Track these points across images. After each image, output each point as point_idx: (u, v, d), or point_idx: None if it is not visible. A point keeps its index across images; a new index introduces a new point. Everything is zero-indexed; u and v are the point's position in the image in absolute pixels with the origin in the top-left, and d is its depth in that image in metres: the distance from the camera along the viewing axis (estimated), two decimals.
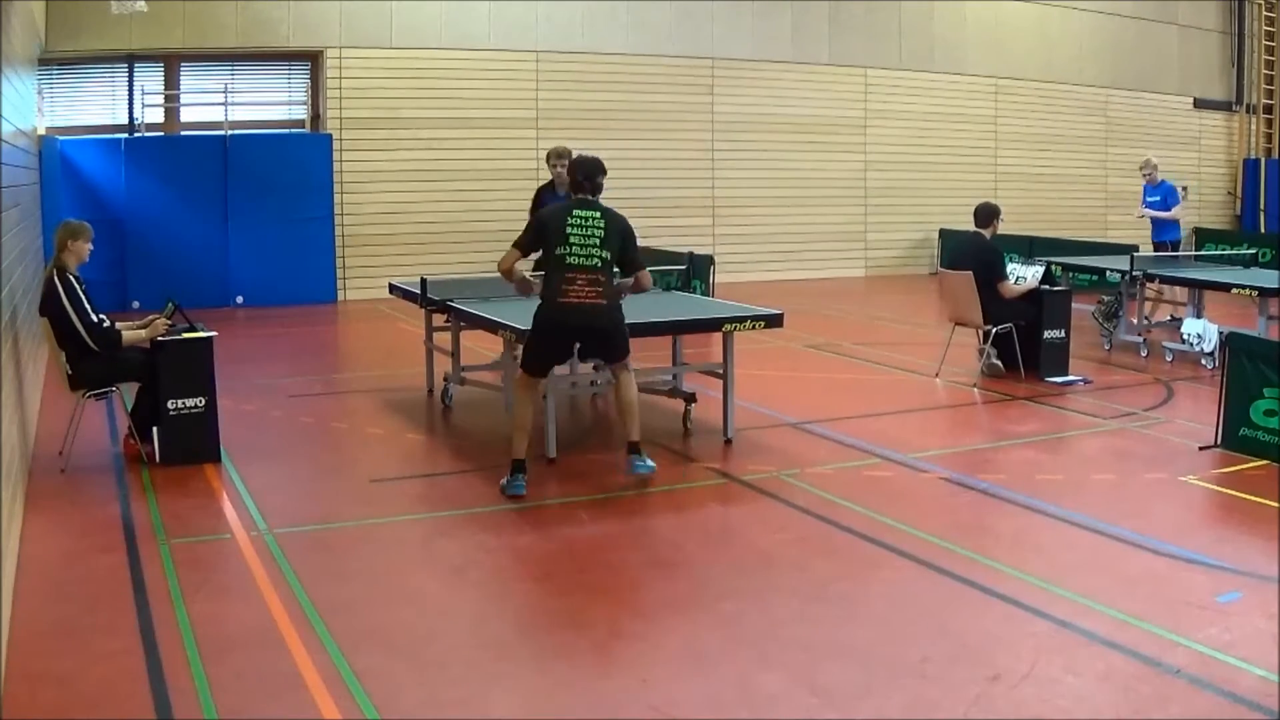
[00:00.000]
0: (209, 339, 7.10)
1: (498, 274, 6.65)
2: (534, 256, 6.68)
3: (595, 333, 6.43)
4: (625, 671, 4.23)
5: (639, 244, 6.63)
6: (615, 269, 6.46)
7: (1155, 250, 12.79)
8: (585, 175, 6.59)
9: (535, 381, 6.56)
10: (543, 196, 10.06)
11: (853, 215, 19.03)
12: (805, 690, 4.03)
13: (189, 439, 6.99)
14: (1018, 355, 9.52)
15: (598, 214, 6.38)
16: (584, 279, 6.26)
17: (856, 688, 4.05)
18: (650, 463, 6.51)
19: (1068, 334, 9.68)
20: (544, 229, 6.39)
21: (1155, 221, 12.95)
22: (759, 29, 18.03)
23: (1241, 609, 4.69)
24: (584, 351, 6.81)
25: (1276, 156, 22.08)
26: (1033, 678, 4.05)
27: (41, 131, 13.26)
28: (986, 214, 9.68)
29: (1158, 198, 12.93)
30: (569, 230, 6.29)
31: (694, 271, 12.88)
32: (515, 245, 6.44)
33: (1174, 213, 12.82)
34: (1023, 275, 9.90)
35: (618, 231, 6.43)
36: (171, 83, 15.42)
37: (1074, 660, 4.19)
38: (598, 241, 6.31)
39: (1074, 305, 10.07)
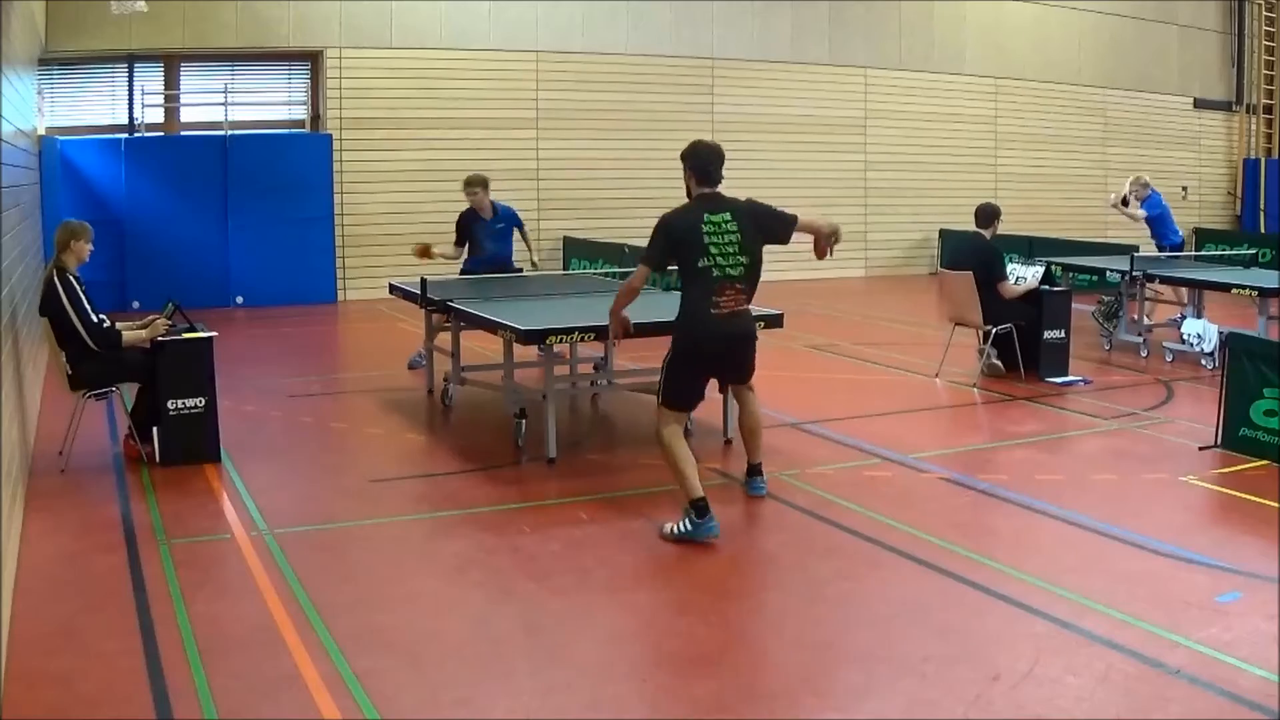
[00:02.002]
0: (209, 339, 7.10)
1: (624, 296, 5.99)
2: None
3: (745, 344, 5.86)
4: (625, 671, 4.23)
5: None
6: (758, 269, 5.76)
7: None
8: (703, 169, 5.78)
9: (683, 418, 5.91)
10: (466, 223, 10.07)
11: (853, 215, 19.00)
12: (805, 690, 4.03)
13: (189, 439, 6.99)
14: (1018, 355, 9.52)
15: (728, 215, 5.64)
16: (730, 290, 5.61)
17: (856, 688, 4.06)
18: (765, 486, 6.33)
19: (1068, 334, 9.68)
20: (677, 239, 5.63)
21: (1156, 228, 12.86)
22: (759, 29, 18.03)
23: (1241, 609, 4.69)
24: (725, 372, 6.13)
25: (1276, 156, 22.07)
26: (1033, 678, 4.05)
27: (41, 131, 13.27)
28: (987, 214, 9.69)
29: (1157, 212, 12.82)
30: (706, 240, 5.56)
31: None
32: (644, 261, 5.74)
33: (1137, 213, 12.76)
34: (1023, 275, 9.90)
35: (754, 225, 5.69)
36: (171, 83, 15.42)
37: (1074, 660, 4.19)
38: (736, 246, 5.60)
39: (1074, 305, 10.07)
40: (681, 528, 5.54)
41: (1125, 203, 12.85)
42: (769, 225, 5.78)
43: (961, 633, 4.50)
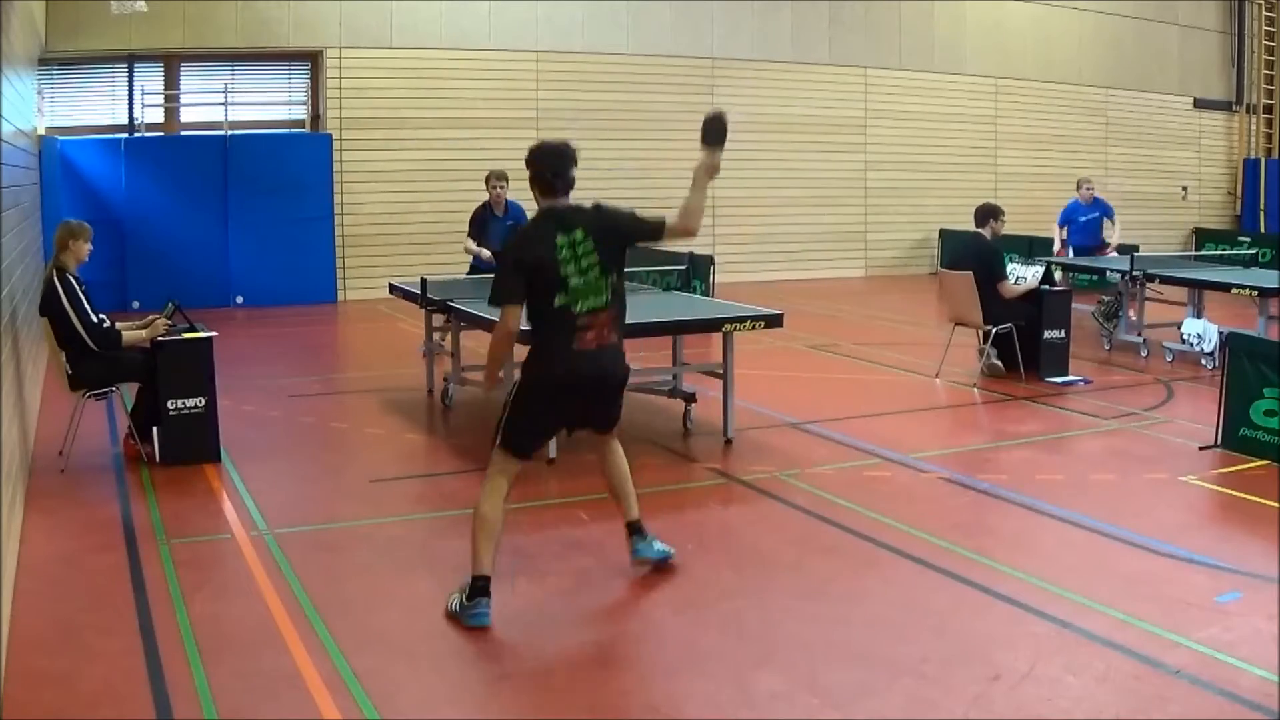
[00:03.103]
0: (209, 339, 7.10)
1: (494, 355, 4.91)
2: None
3: (614, 385, 4.92)
4: (625, 671, 4.23)
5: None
6: (620, 286, 4.87)
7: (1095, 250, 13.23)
8: (555, 172, 4.90)
9: (514, 470, 4.82)
10: (480, 218, 10.08)
11: (853, 215, 19.03)
12: (805, 690, 4.03)
13: (189, 439, 6.99)
14: (1018, 355, 9.52)
15: (580, 232, 4.72)
16: (596, 322, 4.69)
17: (856, 688, 4.06)
18: (666, 547, 5.22)
19: (1068, 334, 9.68)
20: (530, 267, 4.65)
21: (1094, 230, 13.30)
22: (759, 29, 18.03)
23: (1241, 609, 4.69)
24: (585, 415, 5.03)
25: (1276, 156, 22.07)
26: (1033, 678, 4.05)
27: (41, 131, 13.27)
28: (984, 214, 9.69)
29: (1096, 214, 13.28)
30: (561, 270, 4.62)
31: (694, 271, 12.89)
32: (505, 300, 4.63)
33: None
34: (1023, 275, 9.90)
35: (608, 234, 4.79)
36: (171, 83, 15.42)
37: (1074, 660, 4.19)
38: (598, 269, 4.69)
39: (1074, 305, 10.08)
40: (453, 604, 4.66)
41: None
42: (627, 232, 4.95)
43: (961, 633, 4.50)
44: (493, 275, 10.16)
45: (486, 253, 9.97)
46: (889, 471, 6.93)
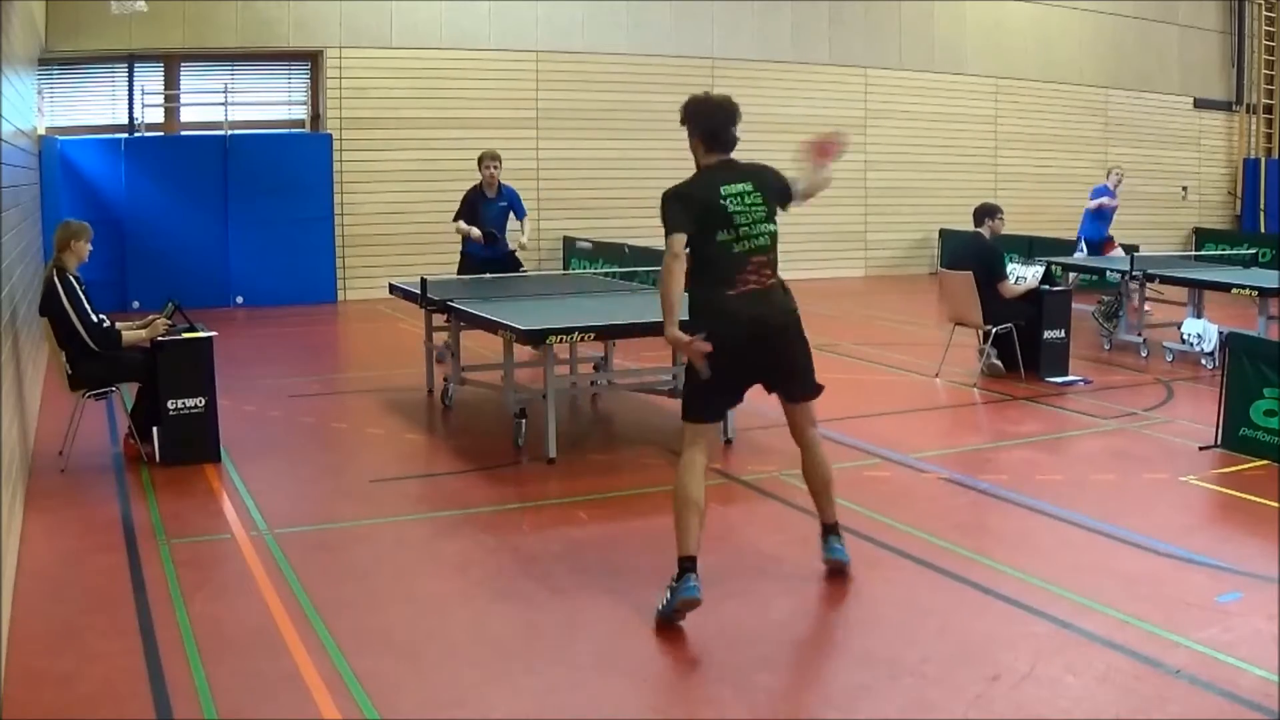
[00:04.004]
0: (209, 339, 7.10)
1: (665, 292, 4.61)
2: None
3: (784, 329, 4.83)
4: (625, 671, 4.23)
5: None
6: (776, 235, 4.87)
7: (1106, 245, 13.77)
8: (719, 126, 4.87)
9: (704, 436, 4.74)
10: (471, 200, 10.11)
11: (853, 215, 19.03)
12: (805, 690, 4.03)
13: (189, 439, 6.99)
14: (1018, 355, 9.52)
15: (749, 185, 4.78)
16: (753, 264, 4.71)
17: (856, 688, 4.06)
18: (845, 554, 5.09)
19: (1068, 334, 9.68)
20: (697, 209, 4.65)
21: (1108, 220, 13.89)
22: (759, 29, 18.03)
23: (1241, 609, 4.68)
24: (763, 371, 4.86)
25: (1276, 156, 22.07)
26: (1033, 678, 4.05)
27: (41, 131, 13.26)
28: (984, 213, 9.68)
29: (1116, 203, 14.09)
30: (730, 210, 4.68)
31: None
32: (672, 228, 4.58)
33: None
34: (1023, 275, 9.91)
35: (774, 191, 4.89)
36: (171, 83, 15.42)
37: (1074, 660, 4.19)
38: (763, 213, 4.77)
39: (1074, 305, 10.08)
40: (662, 602, 4.58)
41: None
42: (782, 195, 5.00)
43: (961, 633, 4.50)
44: (488, 262, 10.28)
45: (476, 231, 10.00)
46: (889, 471, 6.93)
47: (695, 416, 4.75)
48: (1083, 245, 14.26)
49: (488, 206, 10.09)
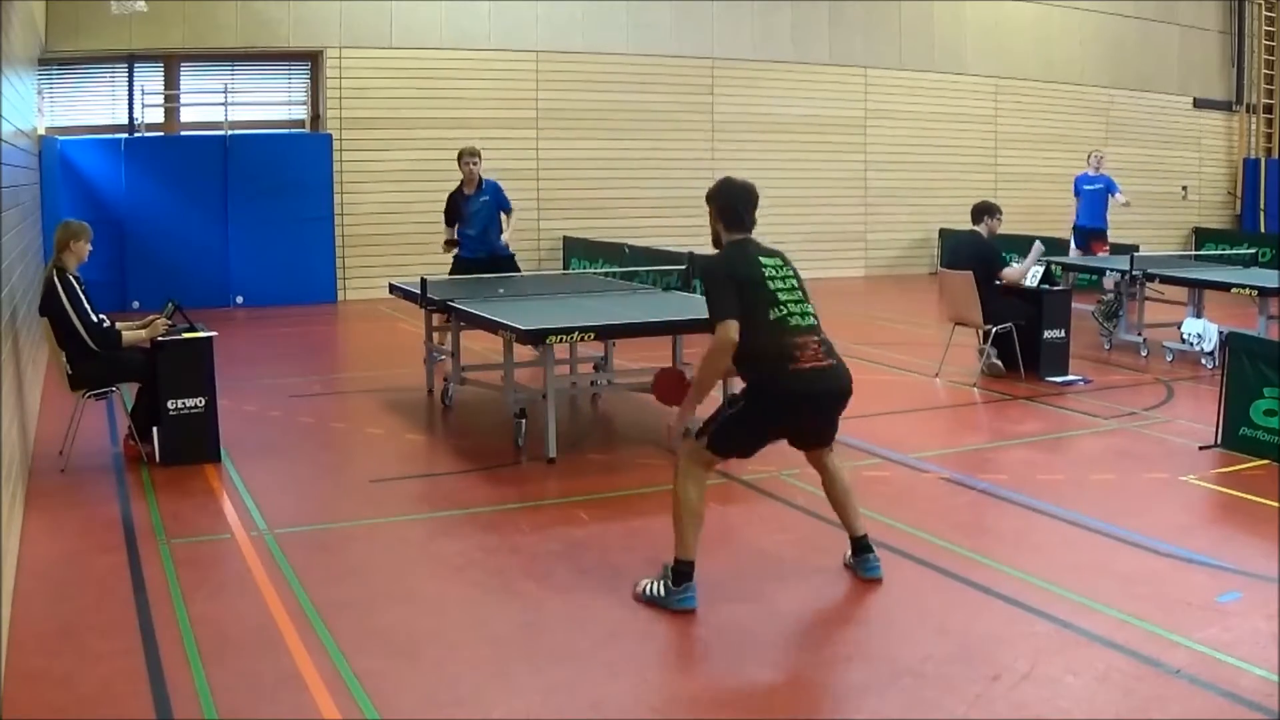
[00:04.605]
0: (209, 339, 7.10)
1: (713, 371, 4.80)
2: None
3: (835, 397, 4.88)
4: (625, 671, 4.23)
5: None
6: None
7: (1093, 237, 14.12)
8: (745, 207, 4.96)
9: (714, 463, 4.96)
10: (454, 200, 10.15)
11: (853, 215, 19.03)
12: (806, 690, 4.03)
13: (189, 439, 6.99)
14: (1018, 355, 9.52)
15: (779, 260, 4.94)
16: (810, 342, 4.79)
17: (856, 688, 4.06)
18: (878, 569, 5.06)
19: (1068, 334, 9.68)
20: (742, 281, 4.74)
21: (1097, 208, 14.25)
22: (759, 29, 18.03)
23: (1241, 609, 4.69)
24: (802, 431, 5.02)
25: (1276, 156, 22.07)
26: (1033, 678, 4.05)
27: (41, 131, 13.27)
28: (981, 211, 9.68)
29: (1100, 185, 14.37)
30: (770, 282, 4.78)
31: (694, 271, 12.87)
32: (723, 314, 4.66)
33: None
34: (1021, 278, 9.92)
35: (797, 273, 5.01)
36: (171, 83, 15.42)
37: (1074, 660, 4.19)
38: (800, 293, 4.90)
39: (1074, 305, 10.08)
40: (654, 590, 4.82)
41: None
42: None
43: (961, 633, 4.50)
44: (481, 261, 10.32)
45: (445, 238, 10.16)
46: (889, 471, 6.93)
47: (725, 453, 4.90)
48: (1072, 238, 14.41)
49: (469, 203, 10.08)
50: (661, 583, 4.81)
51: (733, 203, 4.97)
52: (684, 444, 5.06)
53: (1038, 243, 9.95)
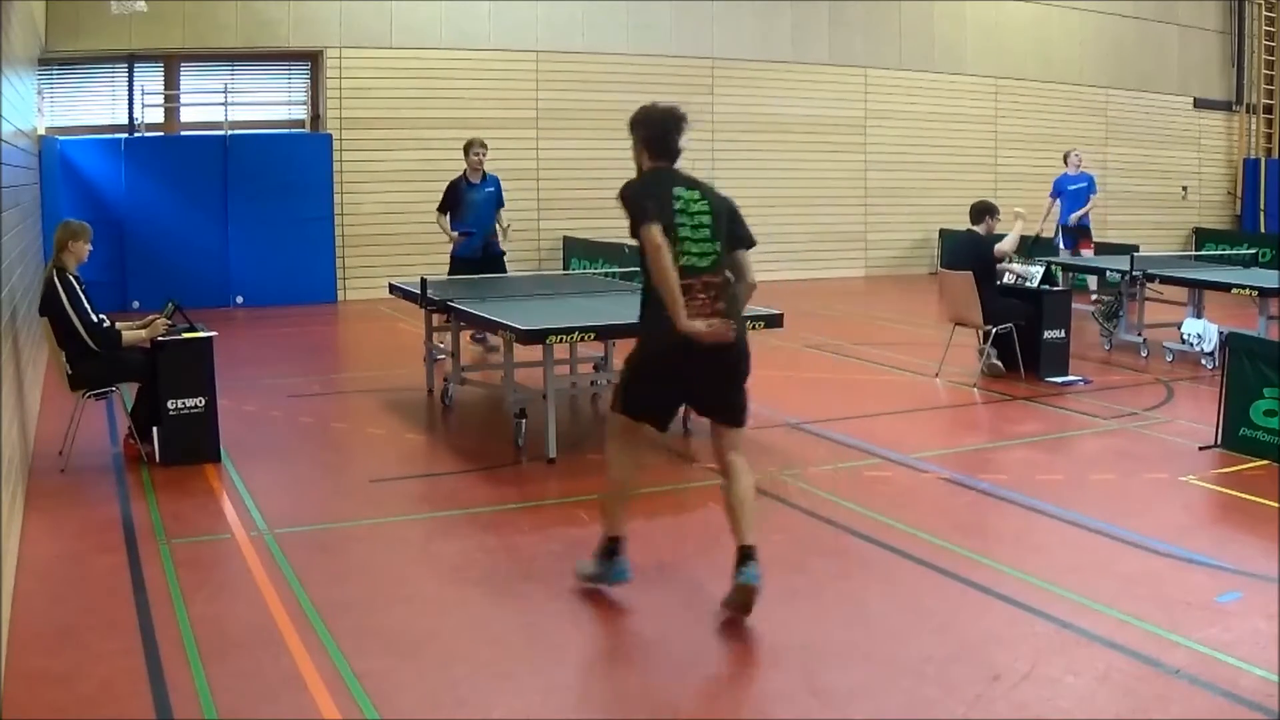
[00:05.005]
0: (209, 339, 7.10)
1: (665, 281, 4.44)
2: None
3: (724, 358, 4.63)
4: (625, 671, 4.23)
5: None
6: (725, 262, 4.74)
7: (1080, 236, 14.27)
8: (668, 133, 4.69)
9: (637, 429, 4.81)
10: (456, 188, 10.28)
11: (853, 215, 19.03)
12: (805, 690, 4.03)
13: (189, 439, 6.99)
14: (1018, 355, 9.52)
15: (697, 193, 4.65)
16: (700, 284, 4.55)
17: (856, 688, 4.06)
18: (754, 577, 4.60)
19: (1068, 334, 9.68)
20: (656, 201, 4.49)
21: (1081, 208, 14.44)
22: (759, 29, 18.03)
23: (1241, 609, 4.69)
24: (700, 392, 4.80)
25: (1276, 156, 22.07)
26: (1033, 678, 4.05)
27: (41, 131, 13.26)
28: (978, 211, 9.67)
29: (1083, 184, 14.52)
30: (675, 215, 4.52)
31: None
32: (646, 219, 4.41)
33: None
34: (1023, 274, 9.91)
35: (720, 208, 4.69)
36: (171, 83, 15.42)
37: (1074, 660, 4.19)
38: (709, 230, 4.61)
39: (1074, 305, 10.08)
40: (592, 568, 4.89)
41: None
42: (735, 217, 4.81)
43: (961, 633, 4.50)
44: (477, 255, 10.39)
45: (455, 234, 10.29)
46: (889, 472, 6.93)
47: (634, 413, 4.76)
48: (1060, 240, 14.48)
49: (472, 191, 10.21)
50: (597, 560, 4.89)
51: (660, 130, 4.72)
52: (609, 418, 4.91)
53: (1018, 209, 9.88)
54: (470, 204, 10.24)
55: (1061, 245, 14.61)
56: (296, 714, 3.85)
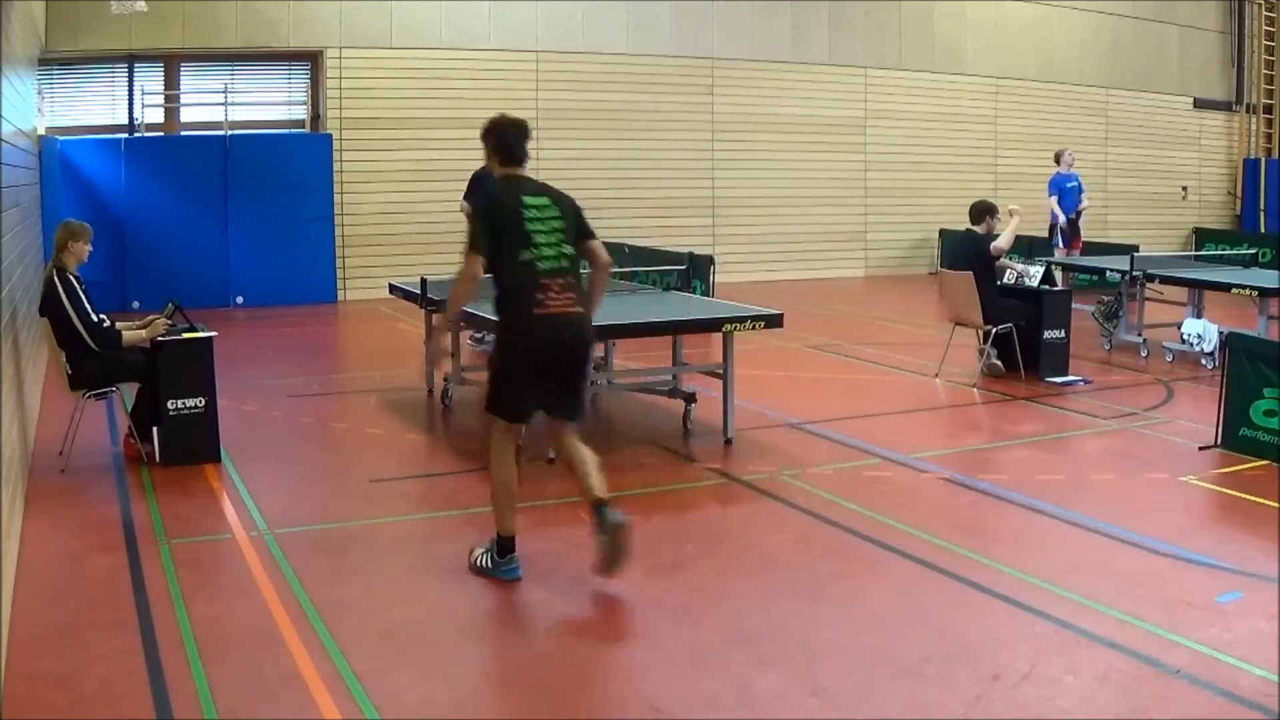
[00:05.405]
0: (209, 339, 7.10)
1: (455, 298, 5.20)
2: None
3: (579, 351, 5.07)
4: (626, 672, 4.23)
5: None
6: (578, 261, 5.17)
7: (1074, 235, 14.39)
8: (517, 142, 5.18)
9: (516, 430, 5.14)
10: (481, 178, 10.27)
11: (853, 215, 19.03)
12: (805, 690, 4.03)
13: (189, 439, 6.99)
14: (1018, 355, 9.52)
15: (546, 199, 5.09)
16: (558, 285, 4.95)
17: (856, 688, 4.06)
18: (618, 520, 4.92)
19: (1068, 334, 9.68)
20: (502, 223, 4.97)
21: (1073, 206, 14.56)
22: (759, 29, 18.04)
23: (1241, 609, 4.69)
24: (551, 389, 5.06)
25: (1276, 156, 22.07)
26: (1033, 678, 4.05)
27: (41, 131, 13.26)
28: (978, 211, 9.67)
29: (1076, 181, 14.63)
30: (528, 223, 4.96)
31: (694, 271, 12.90)
32: (471, 249, 4.96)
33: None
34: (1024, 275, 9.91)
35: (567, 211, 5.12)
36: (171, 83, 15.42)
37: (1074, 660, 4.19)
38: (559, 234, 5.02)
39: (1074, 305, 10.07)
40: (484, 561, 5.11)
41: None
42: (579, 217, 5.21)
43: (961, 633, 4.50)
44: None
45: None
46: (889, 472, 6.93)
47: (503, 414, 5.07)
48: (1059, 239, 14.51)
49: (490, 185, 10.21)
50: (489, 555, 5.08)
51: (506, 139, 5.19)
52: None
53: (1013, 206, 9.87)
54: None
55: (1060, 244, 14.63)
56: (296, 714, 3.85)
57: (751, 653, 4.33)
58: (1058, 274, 12.59)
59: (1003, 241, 9.53)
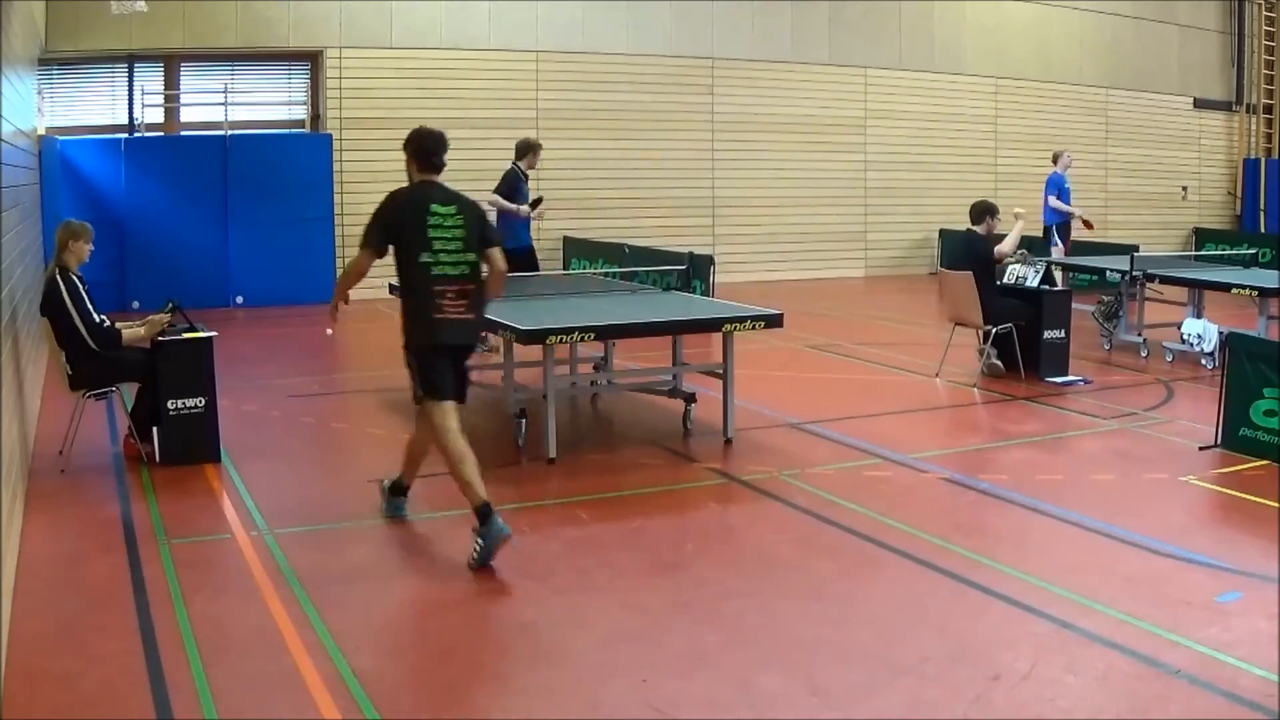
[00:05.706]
0: (209, 339, 7.10)
1: (341, 288, 5.92)
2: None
3: (465, 352, 5.69)
4: (625, 671, 4.23)
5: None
6: (479, 268, 5.56)
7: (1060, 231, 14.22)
8: (434, 152, 5.62)
9: (450, 408, 5.50)
10: (514, 177, 10.80)
11: (853, 215, 19.03)
12: (805, 690, 4.03)
13: (189, 439, 6.99)
14: (1018, 355, 9.52)
15: (454, 209, 5.43)
16: (453, 291, 5.38)
17: (856, 688, 4.06)
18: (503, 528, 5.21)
19: (1068, 334, 9.68)
20: (399, 223, 5.40)
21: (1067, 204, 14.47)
22: (759, 29, 18.03)
23: (1241, 609, 4.69)
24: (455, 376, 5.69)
25: (1276, 156, 22.07)
26: (1033, 678, 4.05)
27: (41, 131, 13.26)
28: (979, 211, 9.67)
29: (1068, 185, 14.65)
30: (431, 232, 5.34)
31: (694, 271, 12.90)
32: (362, 243, 5.48)
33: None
34: (1024, 275, 9.91)
35: (476, 222, 5.51)
36: (171, 83, 15.41)
37: (1074, 660, 4.19)
38: (461, 244, 5.39)
39: (1074, 305, 10.07)
40: (476, 551, 5.20)
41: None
42: (484, 234, 5.59)
43: (961, 633, 4.50)
44: (524, 266, 10.72)
45: (526, 208, 10.83)
46: (889, 471, 6.93)
47: (434, 392, 5.49)
48: (1056, 239, 14.47)
49: (525, 185, 10.97)
50: (477, 537, 5.20)
51: (425, 148, 5.63)
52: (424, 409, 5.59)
53: (1018, 209, 9.88)
54: (525, 196, 10.91)
55: (1059, 243, 14.63)
56: (296, 714, 3.85)
57: (751, 653, 4.33)
58: (1057, 274, 12.61)
59: (1006, 246, 9.53)
